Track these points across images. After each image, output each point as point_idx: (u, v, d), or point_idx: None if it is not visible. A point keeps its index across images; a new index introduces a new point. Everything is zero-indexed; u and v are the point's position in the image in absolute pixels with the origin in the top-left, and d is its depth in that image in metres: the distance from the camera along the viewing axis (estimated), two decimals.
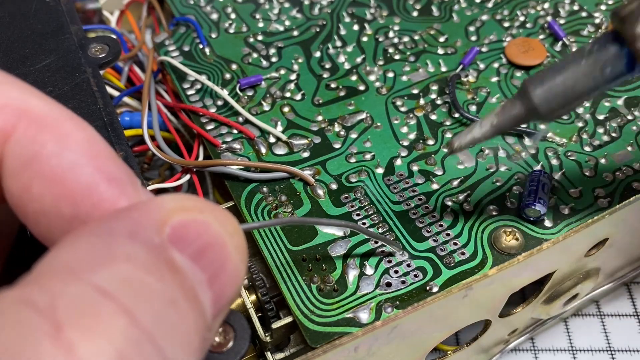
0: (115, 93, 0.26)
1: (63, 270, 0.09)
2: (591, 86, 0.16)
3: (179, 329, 0.10)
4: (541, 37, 0.28)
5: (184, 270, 0.10)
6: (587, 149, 0.23)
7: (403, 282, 0.19)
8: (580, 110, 0.25)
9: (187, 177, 0.23)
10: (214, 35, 0.28)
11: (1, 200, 0.12)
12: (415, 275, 0.19)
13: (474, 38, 0.28)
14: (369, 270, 0.19)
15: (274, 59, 0.27)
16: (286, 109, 0.25)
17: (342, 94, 0.25)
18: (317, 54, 0.27)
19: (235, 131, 0.24)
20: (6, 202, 0.12)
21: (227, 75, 0.26)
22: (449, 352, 0.24)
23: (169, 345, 0.09)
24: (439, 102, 0.25)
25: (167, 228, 0.10)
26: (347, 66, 0.26)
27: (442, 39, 0.28)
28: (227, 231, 0.11)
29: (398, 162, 0.23)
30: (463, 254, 0.20)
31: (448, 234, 0.21)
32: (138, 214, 0.10)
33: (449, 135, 0.24)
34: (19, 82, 0.12)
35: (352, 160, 0.23)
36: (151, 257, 0.10)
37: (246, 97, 0.25)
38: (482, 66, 0.27)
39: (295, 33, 0.28)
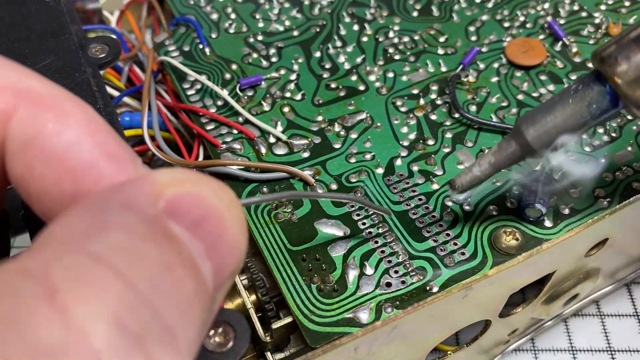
0: (116, 93, 0.26)
1: (57, 241, 0.09)
2: (580, 123, 0.17)
3: (177, 295, 0.09)
4: (541, 37, 0.28)
5: (180, 238, 0.10)
6: (587, 149, 0.23)
7: (403, 282, 0.19)
8: None
9: None
10: (214, 35, 0.28)
11: (4, 183, 0.12)
12: (415, 276, 0.19)
13: (474, 38, 0.28)
14: (369, 271, 0.19)
15: (274, 59, 0.27)
16: (286, 109, 0.25)
17: (342, 94, 0.25)
18: (317, 54, 0.27)
19: (235, 131, 0.24)
20: (8, 184, 0.12)
21: (227, 75, 0.26)
22: (449, 352, 0.24)
23: (168, 310, 0.09)
24: (439, 102, 0.25)
25: (162, 201, 0.10)
26: (347, 66, 0.26)
27: (442, 39, 0.28)
28: (224, 203, 0.11)
29: (398, 162, 0.23)
30: (463, 254, 0.20)
31: (448, 234, 0.21)
32: (132, 187, 0.10)
33: (449, 135, 0.24)
34: (17, 64, 0.12)
35: (352, 160, 0.23)
36: (146, 226, 0.10)
37: (246, 97, 0.25)
38: (482, 66, 0.27)
39: (295, 33, 0.28)
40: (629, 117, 0.24)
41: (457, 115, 0.24)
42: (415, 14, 0.29)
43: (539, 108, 0.18)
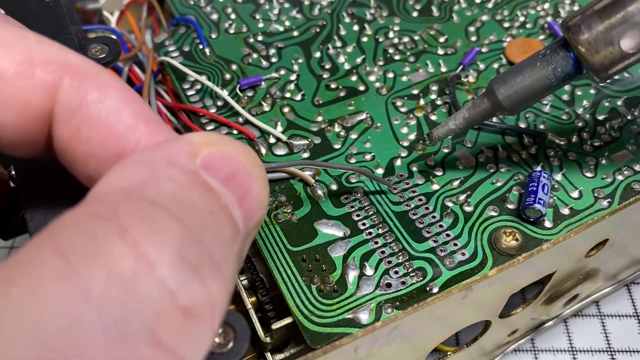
0: None
1: (116, 190, 0.11)
2: (546, 85, 0.19)
3: (220, 235, 0.11)
4: (541, 37, 0.28)
5: (217, 190, 0.11)
6: (587, 148, 0.23)
7: (403, 282, 0.19)
8: (580, 110, 0.25)
9: None
10: (214, 36, 0.28)
11: (48, 149, 0.14)
12: (415, 276, 0.19)
13: (474, 38, 0.28)
14: (369, 271, 0.19)
15: (274, 60, 0.27)
16: (286, 110, 0.25)
17: (342, 94, 0.25)
18: (317, 55, 0.27)
19: (235, 132, 0.24)
20: (53, 150, 0.13)
21: (227, 76, 0.26)
22: (449, 353, 0.24)
23: (215, 248, 0.11)
24: (439, 102, 0.25)
25: (199, 159, 0.12)
26: (347, 66, 0.26)
27: (442, 40, 0.28)
28: (250, 162, 0.12)
29: (398, 162, 0.23)
30: (463, 254, 0.20)
31: (448, 235, 0.21)
32: (173, 146, 0.12)
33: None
34: (55, 42, 0.13)
35: (352, 160, 0.23)
36: (189, 179, 0.11)
37: (246, 98, 0.25)
38: (482, 66, 0.27)
39: (295, 33, 0.28)
40: (629, 117, 0.24)
41: None
42: (415, 14, 0.29)
43: (510, 69, 0.20)
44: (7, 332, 0.09)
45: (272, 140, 0.24)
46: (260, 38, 0.28)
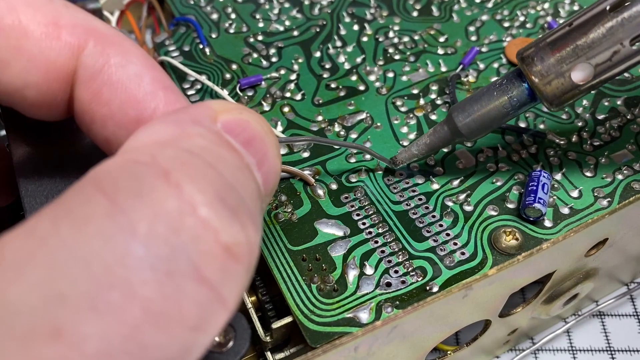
0: None
1: (152, 141, 0.11)
2: (503, 113, 0.20)
3: (249, 188, 0.12)
4: None
5: (240, 150, 0.12)
6: (587, 148, 0.23)
7: (403, 282, 0.19)
8: (580, 110, 0.25)
9: None
10: (214, 35, 0.28)
11: (68, 112, 0.14)
12: (415, 275, 0.19)
13: (474, 38, 0.28)
14: (369, 270, 0.19)
15: (274, 59, 0.27)
16: (286, 109, 0.25)
17: (342, 94, 0.25)
18: (317, 54, 0.27)
19: None
20: (72, 113, 0.14)
21: (227, 75, 0.26)
22: (449, 352, 0.24)
23: (247, 197, 0.11)
24: (439, 102, 0.25)
25: (219, 123, 0.12)
26: (347, 66, 0.26)
27: (442, 39, 0.28)
28: (265, 130, 0.13)
29: None
30: (463, 254, 0.20)
31: (448, 234, 0.21)
32: (195, 109, 0.12)
33: None
34: (81, 9, 0.14)
35: (352, 160, 0.23)
36: (216, 137, 0.12)
37: (246, 97, 0.25)
38: (482, 66, 0.27)
39: (296, 33, 0.28)
40: (629, 117, 0.24)
41: None
42: (415, 14, 0.29)
43: (468, 98, 0.20)
44: (59, 267, 0.09)
45: None
46: (260, 38, 0.28)
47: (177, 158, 0.10)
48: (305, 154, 0.23)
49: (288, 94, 0.25)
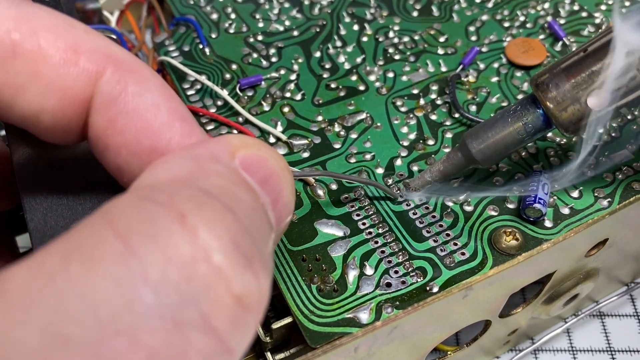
0: None
1: (169, 179, 0.11)
2: (517, 139, 0.19)
3: (262, 230, 0.11)
4: (541, 37, 0.28)
5: (256, 189, 0.12)
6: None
7: (403, 282, 0.19)
8: None
9: None
10: (214, 35, 0.28)
11: (82, 137, 0.14)
12: (415, 276, 0.19)
13: (474, 38, 0.28)
14: (369, 271, 0.19)
15: (274, 59, 0.27)
16: (286, 109, 0.25)
17: (342, 94, 0.25)
18: (317, 54, 0.27)
19: (235, 131, 0.24)
20: (86, 138, 0.14)
21: (227, 75, 0.26)
22: (449, 352, 0.24)
23: (260, 241, 0.11)
24: (439, 102, 0.25)
25: (237, 159, 0.12)
26: (347, 66, 0.26)
27: (442, 39, 0.28)
28: (281, 167, 0.13)
29: (398, 162, 0.23)
30: (463, 254, 0.20)
31: (448, 234, 0.21)
32: (214, 144, 0.12)
33: (449, 135, 0.24)
34: (101, 34, 0.14)
35: (352, 160, 0.23)
36: (234, 175, 0.12)
37: (246, 97, 0.25)
38: (482, 66, 0.27)
39: (295, 33, 0.28)
40: (629, 117, 0.24)
41: (457, 115, 0.24)
42: (415, 14, 0.29)
43: (482, 124, 0.20)
44: (66, 310, 0.09)
45: (272, 140, 0.24)
46: (260, 38, 0.28)
47: (194, 199, 0.10)
48: (305, 154, 0.23)
49: (288, 94, 0.25)
